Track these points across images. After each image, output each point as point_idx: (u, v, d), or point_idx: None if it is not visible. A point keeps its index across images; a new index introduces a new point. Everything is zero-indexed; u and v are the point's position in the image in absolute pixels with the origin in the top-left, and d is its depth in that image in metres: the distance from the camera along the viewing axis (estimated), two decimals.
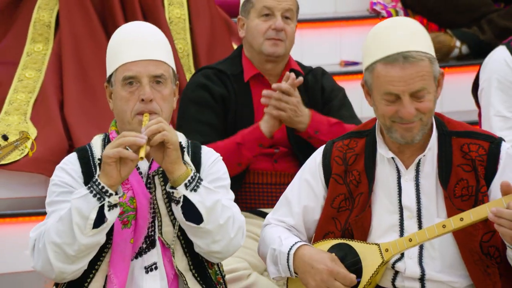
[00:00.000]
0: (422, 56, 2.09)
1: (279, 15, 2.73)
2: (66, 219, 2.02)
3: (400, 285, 2.17)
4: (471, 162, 2.15)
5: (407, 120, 2.09)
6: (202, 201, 2.06)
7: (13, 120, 3.23)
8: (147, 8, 3.36)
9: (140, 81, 2.14)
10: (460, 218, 2.06)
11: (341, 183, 2.23)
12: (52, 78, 3.31)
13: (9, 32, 3.42)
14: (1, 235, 2.97)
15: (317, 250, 2.17)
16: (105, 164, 2.02)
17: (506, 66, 2.75)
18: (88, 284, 2.13)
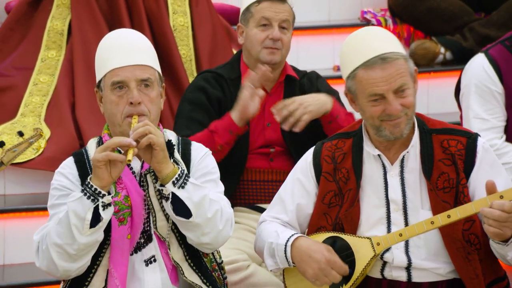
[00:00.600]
0: (398, 56, 2.12)
1: (276, 25, 2.71)
2: (64, 222, 2.03)
3: (388, 274, 2.17)
4: (451, 156, 2.17)
5: (395, 116, 2.11)
6: (189, 197, 2.06)
7: (28, 121, 3.21)
8: (152, 16, 3.35)
9: (128, 85, 2.13)
10: (448, 215, 2.07)
11: (331, 180, 2.23)
12: (64, 82, 3.30)
13: (24, 39, 3.40)
14: (15, 228, 2.98)
15: (313, 241, 2.17)
16: (96, 167, 2.02)
17: (484, 72, 2.75)
18: (91, 279, 2.14)
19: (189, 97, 2.78)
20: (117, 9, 3.34)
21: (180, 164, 2.15)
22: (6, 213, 3.00)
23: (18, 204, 3.05)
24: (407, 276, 2.16)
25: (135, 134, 2.03)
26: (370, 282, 2.19)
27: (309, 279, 2.14)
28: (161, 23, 3.32)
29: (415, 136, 2.19)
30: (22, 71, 3.34)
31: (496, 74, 2.74)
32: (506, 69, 2.75)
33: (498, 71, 2.74)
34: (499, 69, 2.74)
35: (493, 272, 2.17)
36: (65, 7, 3.39)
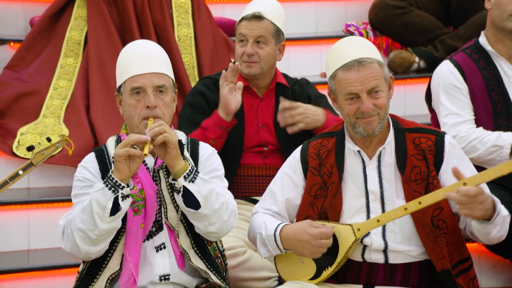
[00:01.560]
0: (373, 60, 2.14)
1: (251, 41, 2.70)
2: (87, 209, 2.04)
3: (368, 257, 2.18)
4: (422, 152, 2.18)
5: (367, 114, 2.12)
6: (199, 190, 2.07)
7: (49, 122, 3.22)
8: (159, 28, 3.35)
9: (145, 90, 2.14)
10: (419, 201, 2.09)
11: (316, 174, 2.24)
12: (81, 87, 3.30)
13: (46, 48, 3.40)
14: (38, 217, 2.98)
15: (295, 226, 2.19)
16: (117, 162, 2.03)
17: (450, 74, 2.76)
18: (108, 262, 2.15)
19: (190, 101, 2.78)
20: (128, 21, 3.33)
21: (190, 161, 2.16)
22: (30, 204, 3.00)
23: (40, 196, 3.06)
24: (384, 258, 2.17)
25: (151, 133, 2.04)
26: (352, 264, 2.20)
27: (309, 257, 2.17)
28: (167, 34, 3.32)
29: (390, 134, 2.21)
30: (44, 77, 3.34)
31: (461, 75, 2.76)
32: (468, 71, 2.76)
33: (462, 73, 2.76)
34: (462, 71, 2.76)
35: (458, 253, 2.18)
36: (82, 19, 3.39)
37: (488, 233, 2.10)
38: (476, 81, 2.75)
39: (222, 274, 2.22)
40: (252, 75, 2.72)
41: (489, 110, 2.74)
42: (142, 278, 2.14)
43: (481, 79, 2.75)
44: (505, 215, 2.10)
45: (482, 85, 2.75)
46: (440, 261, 2.14)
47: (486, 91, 2.74)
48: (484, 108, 2.74)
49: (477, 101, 2.74)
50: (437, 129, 2.30)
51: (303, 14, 3.85)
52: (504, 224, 2.10)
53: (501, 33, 2.75)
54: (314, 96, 2.82)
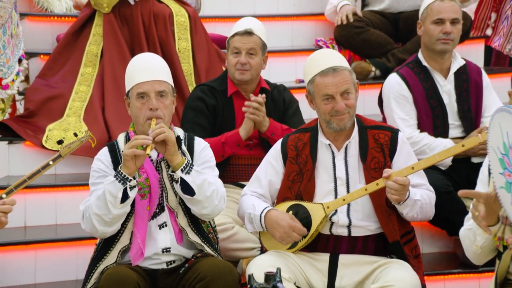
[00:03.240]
0: (344, 68, 2.13)
1: (244, 53, 2.66)
2: (102, 198, 2.03)
3: (334, 231, 2.17)
4: (380, 145, 2.17)
5: (340, 112, 2.11)
6: (193, 180, 2.05)
7: (71, 120, 3.17)
8: (163, 42, 3.28)
9: (149, 95, 2.11)
10: (376, 183, 2.09)
11: (294, 163, 2.21)
12: (97, 91, 3.25)
13: (69, 60, 3.34)
14: (65, 198, 2.93)
15: (281, 212, 2.16)
16: (125, 160, 2.02)
17: (398, 85, 2.74)
18: (120, 237, 2.13)
19: (191, 105, 2.73)
20: (138, 36, 3.27)
21: (187, 155, 2.14)
22: (57, 187, 2.97)
23: (65, 181, 3.01)
24: (348, 232, 2.16)
25: (153, 134, 2.03)
26: (322, 237, 2.19)
27: (277, 239, 2.15)
28: (169, 47, 3.26)
29: (355, 130, 2.19)
30: (68, 83, 3.29)
31: (406, 86, 2.74)
32: (411, 82, 2.74)
33: (407, 84, 2.74)
34: (407, 82, 2.74)
35: (404, 227, 2.19)
36: (99, 36, 3.32)
37: (401, 213, 2.13)
38: (418, 91, 2.73)
39: (214, 246, 2.21)
40: (244, 81, 2.68)
41: (428, 114, 2.73)
42: (148, 251, 2.13)
43: (421, 89, 2.73)
44: (416, 199, 2.10)
45: (423, 93, 2.73)
46: (391, 234, 2.14)
47: (426, 98, 2.73)
48: (425, 112, 2.73)
49: (419, 107, 2.73)
50: (392, 127, 2.30)
51: (280, 31, 3.82)
52: (414, 206, 2.10)
53: (432, 53, 2.75)
54: (288, 101, 2.79)
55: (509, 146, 1.52)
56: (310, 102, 2.22)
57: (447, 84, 2.75)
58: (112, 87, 3.19)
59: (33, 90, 3.29)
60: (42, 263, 2.70)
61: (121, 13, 3.26)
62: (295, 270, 2.14)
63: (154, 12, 3.24)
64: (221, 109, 2.69)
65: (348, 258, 2.16)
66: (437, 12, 2.69)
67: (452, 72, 2.76)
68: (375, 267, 2.12)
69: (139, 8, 3.23)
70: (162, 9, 3.27)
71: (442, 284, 2.62)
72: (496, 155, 1.58)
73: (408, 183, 2.04)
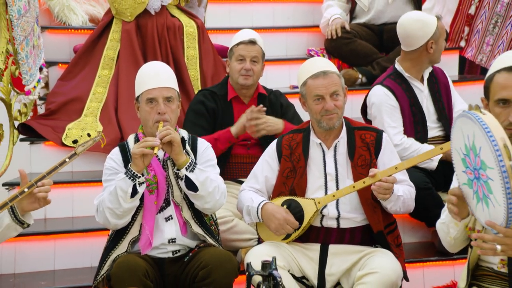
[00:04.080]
0: (333, 72, 2.12)
1: (248, 60, 2.65)
2: (114, 193, 2.01)
3: (325, 223, 2.15)
4: (367, 145, 2.15)
5: (330, 112, 2.09)
6: (197, 178, 2.03)
7: (89, 120, 3.12)
8: (173, 49, 3.25)
9: (157, 100, 2.09)
10: (363, 181, 2.07)
11: (288, 160, 2.19)
12: (112, 93, 3.21)
13: (88, 64, 3.30)
14: (80, 192, 2.90)
15: (276, 206, 2.14)
16: (134, 159, 2.00)
17: (386, 96, 2.71)
18: (130, 229, 2.11)
19: (193, 108, 2.70)
20: (152, 44, 3.24)
21: (191, 154, 2.12)
22: (73, 183, 2.94)
23: (81, 177, 2.98)
24: (337, 224, 2.14)
25: (160, 135, 2.01)
26: (313, 229, 2.16)
27: (272, 231, 2.13)
28: (178, 54, 3.23)
29: (343, 131, 2.18)
30: (86, 85, 3.24)
31: (394, 96, 2.71)
32: (397, 92, 2.71)
33: (394, 94, 2.71)
34: (394, 93, 2.71)
35: (387, 219, 2.18)
36: (116, 41, 3.28)
37: (385, 207, 2.11)
38: (403, 100, 2.71)
39: (215, 237, 2.19)
40: (247, 85, 2.66)
41: (411, 121, 2.72)
42: (155, 241, 2.11)
43: (406, 98, 2.71)
44: (399, 195, 2.09)
45: (407, 102, 2.71)
46: (376, 224, 2.12)
47: (409, 106, 2.72)
48: (408, 119, 2.72)
49: (404, 114, 2.71)
50: (377, 128, 2.29)
51: (276, 41, 3.79)
52: (398, 201, 2.09)
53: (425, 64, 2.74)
54: (285, 105, 2.77)
55: (470, 148, 1.52)
56: (303, 104, 2.20)
57: (424, 90, 2.76)
58: (126, 88, 3.15)
59: (54, 92, 3.27)
60: (60, 251, 2.68)
61: (138, 23, 3.24)
62: (289, 259, 2.12)
63: (167, 25, 3.23)
64: (220, 112, 2.66)
65: (337, 248, 2.14)
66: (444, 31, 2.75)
67: (426, 78, 2.77)
68: (362, 256, 2.11)
69: (155, 20, 3.21)
70: (174, 21, 3.26)
71: (421, 270, 2.61)
72: (459, 155, 1.59)
73: (395, 182, 2.03)
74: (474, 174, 1.53)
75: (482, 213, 1.53)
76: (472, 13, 3.67)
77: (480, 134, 1.46)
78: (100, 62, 3.26)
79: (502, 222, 1.46)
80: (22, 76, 2.98)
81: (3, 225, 1.88)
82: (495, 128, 1.45)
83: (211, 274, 1.98)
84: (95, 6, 3.79)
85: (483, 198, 1.51)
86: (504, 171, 1.40)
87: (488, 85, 1.68)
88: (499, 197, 1.44)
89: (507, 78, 1.62)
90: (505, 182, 1.41)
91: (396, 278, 2.03)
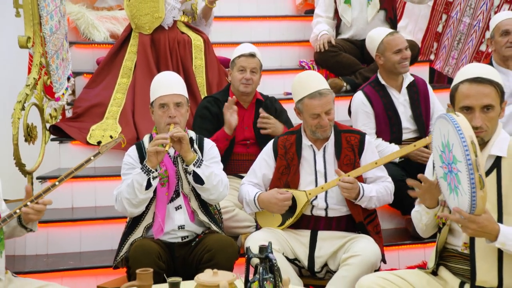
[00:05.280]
0: (328, 92, 2.07)
1: (248, 71, 2.61)
2: (131, 186, 1.98)
3: (315, 213, 2.12)
4: (351, 146, 2.12)
5: (325, 127, 2.07)
6: (203, 172, 2.00)
7: (110, 122, 3.09)
8: (182, 60, 3.21)
9: (168, 105, 2.06)
10: (348, 175, 2.04)
11: (283, 159, 2.16)
12: (130, 98, 3.18)
13: (109, 73, 3.28)
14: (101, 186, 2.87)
15: (267, 193, 2.12)
16: (149, 155, 1.97)
17: (362, 103, 2.70)
18: (144, 217, 2.08)
19: (199, 113, 2.67)
20: (164, 55, 3.21)
21: (198, 152, 2.09)
22: (96, 177, 2.90)
23: (102, 172, 2.94)
24: (325, 213, 2.12)
25: (171, 134, 1.99)
26: (304, 217, 2.14)
27: (277, 213, 2.11)
28: (187, 64, 3.20)
29: (332, 134, 2.14)
30: (107, 92, 3.21)
31: (369, 103, 2.69)
32: (373, 99, 2.69)
33: (370, 101, 2.69)
34: (370, 100, 2.69)
35: (368, 210, 2.14)
36: (133, 53, 3.26)
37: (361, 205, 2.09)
38: (379, 105, 2.68)
39: (219, 225, 2.16)
40: (247, 93, 2.63)
41: (386, 123, 2.69)
42: (167, 227, 2.08)
43: (381, 103, 2.68)
44: (371, 195, 2.08)
45: (382, 107, 2.68)
46: (357, 216, 2.10)
47: (385, 110, 2.68)
48: (384, 122, 2.68)
49: (379, 118, 2.68)
50: (360, 131, 2.26)
51: (271, 54, 3.76)
52: (370, 200, 2.07)
53: (392, 74, 2.71)
54: (279, 110, 2.74)
55: (445, 145, 1.52)
56: (298, 114, 2.17)
57: (401, 97, 2.72)
58: (141, 94, 3.12)
59: (80, 98, 3.25)
60: (85, 236, 2.65)
61: (153, 37, 3.22)
62: (283, 243, 2.10)
63: (177, 39, 3.21)
64: (222, 115, 2.62)
65: (325, 234, 2.12)
66: (395, 45, 2.66)
67: (404, 87, 2.72)
68: (346, 241, 2.08)
69: (167, 34, 3.19)
70: (184, 36, 3.24)
71: (396, 253, 2.58)
72: (437, 152, 1.59)
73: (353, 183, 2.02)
74: (448, 168, 1.52)
75: (453, 202, 1.53)
76: (440, 31, 3.68)
77: (453, 132, 1.47)
78: (120, 71, 3.24)
79: (467, 209, 1.46)
80: (52, 85, 3.00)
81: (11, 226, 1.82)
82: (465, 127, 1.45)
83: (215, 257, 1.95)
84: (115, 24, 3.78)
85: (454, 189, 1.51)
86: (470, 164, 1.41)
87: (453, 94, 1.67)
88: (465, 187, 1.45)
89: (469, 89, 1.61)
90: (470, 173, 1.41)
91: (375, 259, 2.01)
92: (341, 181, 2.01)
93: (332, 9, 3.49)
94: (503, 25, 2.69)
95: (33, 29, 2.76)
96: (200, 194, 2.07)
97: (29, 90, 2.76)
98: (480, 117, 1.59)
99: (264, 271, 1.55)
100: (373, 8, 3.39)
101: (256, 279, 1.54)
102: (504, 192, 1.58)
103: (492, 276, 1.57)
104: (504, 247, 1.51)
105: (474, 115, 1.59)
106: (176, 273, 1.98)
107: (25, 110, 2.75)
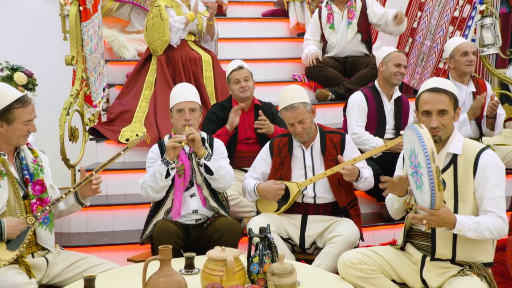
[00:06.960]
0: (300, 105, 2.04)
1: (242, 80, 2.57)
2: (153, 175, 1.97)
3: (305, 200, 2.11)
4: (334, 144, 2.10)
5: (299, 133, 2.04)
6: (212, 165, 1.99)
7: (136, 125, 3.09)
8: (194, 73, 3.20)
9: (184, 111, 2.05)
10: (332, 169, 2.02)
11: (278, 157, 2.14)
12: (152, 106, 3.17)
13: (136, 85, 3.27)
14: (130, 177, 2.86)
15: (264, 183, 2.11)
16: (167, 150, 1.97)
17: (360, 99, 2.69)
18: (165, 202, 2.07)
19: (208, 117, 2.65)
20: (178, 70, 3.19)
21: (208, 149, 2.07)
22: (125, 170, 2.89)
23: (131, 166, 2.94)
24: (314, 201, 2.10)
25: (186, 133, 1.99)
26: (297, 204, 2.12)
27: (272, 200, 2.10)
28: (198, 76, 3.19)
29: (317, 135, 2.12)
30: (134, 101, 3.22)
31: (366, 102, 2.69)
32: (369, 99, 2.69)
33: (367, 100, 2.69)
34: (367, 99, 2.69)
35: (351, 197, 2.13)
36: (154, 71, 3.24)
37: (357, 186, 2.08)
38: (372, 105, 2.69)
39: (226, 210, 2.14)
40: (246, 97, 2.60)
41: (375, 122, 2.69)
42: (183, 211, 2.07)
43: (375, 105, 2.69)
44: (366, 176, 2.07)
45: (375, 108, 2.69)
46: (341, 201, 2.08)
47: (376, 111, 2.69)
48: (373, 120, 2.68)
49: (370, 116, 2.68)
50: (341, 131, 2.23)
51: (269, 69, 3.75)
52: (365, 181, 2.07)
53: (388, 83, 2.72)
54: (275, 114, 2.71)
55: (412, 150, 1.57)
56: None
57: (389, 105, 2.74)
58: (161, 102, 3.12)
59: (113, 106, 3.26)
60: (117, 217, 2.65)
61: (167, 56, 3.22)
62: (278, 225, 2.08)
63: (189, 56, 3.20)
64: (227, 118, 2.59)
65: (314, 218, 2.10)
66: (398, 59, 2.70)
67: (393, 99, 2.75)
68: (331, 223, 2.07)
69: (179, 52, 3.20)
70: (195, 54, 3.23)
71: (372, 232, 2.57)
72: (407, 154, 1.63)
73: (353, 169, 2.00)
74: (414, 169, 1.57)
75: (419, 196, 1.58)
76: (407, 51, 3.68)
77: (417, 142, 1.50)
78: (144, 85, 3.25)
79: (428, 205, 1.52)
80: (91, 95, 3.01)
81: (70, 203, 1.91)
82: (427, 139, 1.49)
83: (222, 236, 1.94)
84: (141, 45, 3.78)
85: (419, 187, 1.56)
86: (430, 170, 1.46)
87: (417, 101, 1.72)
88: (426, 188, 1.49)
89: (428, 96, 1.66)
90: (430, 178, 1.46)
91: (355, 238, 2.01)
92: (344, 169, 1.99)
93: (319, 34, 3.54)
94: (463, 47, 2.74)
95: (77, 49, 2.80)
96: (211, 183, 2.06)
97: (72, 99, 2.80)
98: (436, 119, 1.64)
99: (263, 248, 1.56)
100: (352, 30, 3.43)
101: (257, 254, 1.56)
102: (459, 184, 1.62)
103: (448, 251, 1.63)
104: (460, 233, 1.57)
105: (432, 117, 1.65)
106: (191, 249, 1.98)
107: (69, 115, 2.78)
